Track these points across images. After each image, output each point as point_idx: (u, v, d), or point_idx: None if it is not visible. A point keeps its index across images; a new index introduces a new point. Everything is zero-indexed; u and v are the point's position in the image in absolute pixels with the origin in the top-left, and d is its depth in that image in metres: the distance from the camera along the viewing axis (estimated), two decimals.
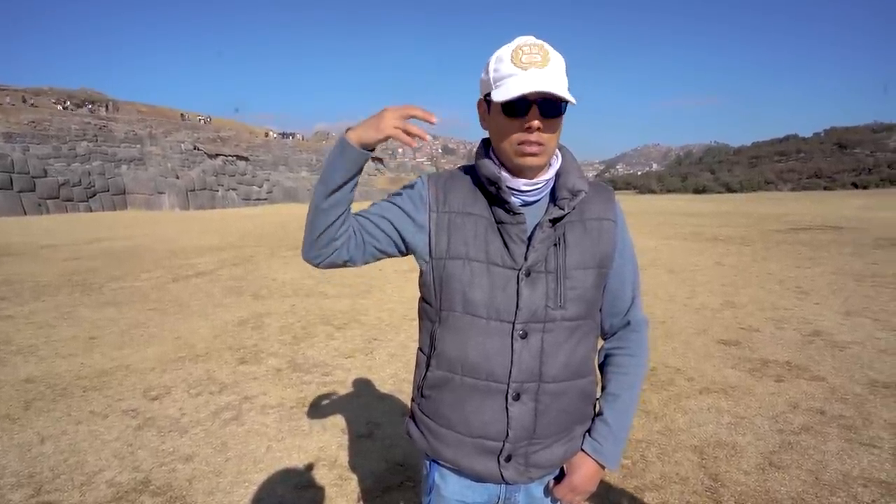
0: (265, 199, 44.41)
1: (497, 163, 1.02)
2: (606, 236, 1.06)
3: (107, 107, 41.96)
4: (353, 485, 2.55)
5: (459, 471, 1.09)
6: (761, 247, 10.93)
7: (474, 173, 1.07)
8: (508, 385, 1.01)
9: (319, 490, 2.51)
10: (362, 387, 3.75)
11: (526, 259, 1.00)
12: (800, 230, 14.16)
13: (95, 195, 33.35)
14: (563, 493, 1.10)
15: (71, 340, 5.00)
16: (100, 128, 36.25)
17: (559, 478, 1.12)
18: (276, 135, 56.26)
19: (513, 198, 1.01)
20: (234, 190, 41.94)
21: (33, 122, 32.65)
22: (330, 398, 3.57)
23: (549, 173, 1.03)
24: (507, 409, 1.02)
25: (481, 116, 1.05)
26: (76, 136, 34.09)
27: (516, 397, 1.02)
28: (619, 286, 1.10)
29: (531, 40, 0.94)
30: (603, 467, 1.10)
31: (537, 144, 0.95)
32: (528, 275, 1.00)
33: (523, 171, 1.00)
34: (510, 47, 0.94)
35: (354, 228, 1.03)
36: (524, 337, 1.01)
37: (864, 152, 66.46)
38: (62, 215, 29.20)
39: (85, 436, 3.05)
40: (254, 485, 2.54)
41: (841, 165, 62.61)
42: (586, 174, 1.09)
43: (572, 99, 0.92)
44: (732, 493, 2.39)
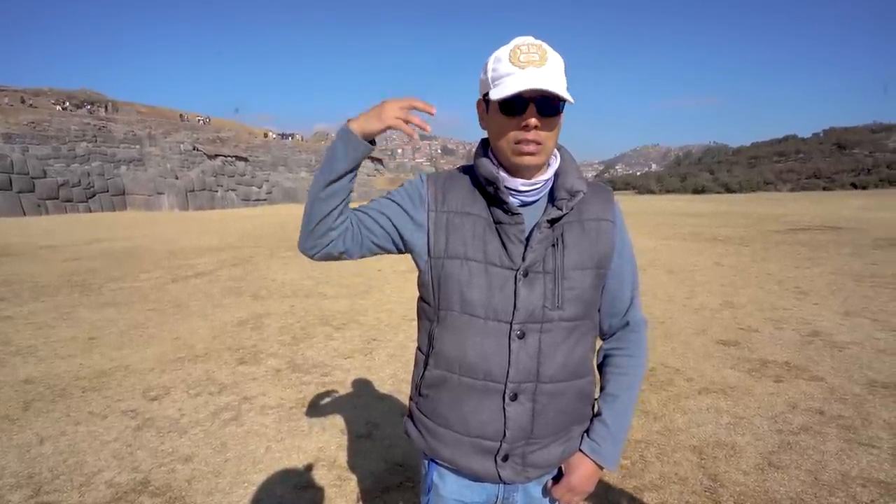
0: (264, 199, 44.40)
1: (495, 163, 1.02)
2: (605, 237, 1.06)
3: (106, 107, 41.90)
4: (352, 485, 2.55)
5: (457, 470, 1.09)
6: (760, 247, 10.93)
7: (473, 173, 1.07)
8: (506, 385, 1.02)
9: (319, 490, 2.51)
10: (361, 387, 3.75)
11: (524, 259, 1.00)
12: (799, 230, 14.16)
13: (95, 196, 33.33)
14: (561, 493, 1.10)
15: (70, 341, 5.00)
16: (99, 128, 36.21)
17: (557, 478, 1.12)
18: (275, 135, 56.18)
19: (511, 198, 1.01)
20: (233, 190, 41.92)
21: (33, 122, 32.62)
22: (329, 398, 3.57)
23: (548, 174, 1.03)
24: (504, 409, 1.02)
25: (480, 116, 1.05)
26: (75, 136, 34.05)
27: (514, 397, 1.02)
28: (618, 287, 1.10)
29: (530, 40, 0.94)
30: (601, 468, 1.10)
31: (535, 143, 0.95)
32: (525, 275, 1.00)
33: (521, 171, 1.00)
34: (509, 47, 0.95)
35: (352, 221, 1.03)
36: (521, 337, 1.01)
37: (863, 153, 66.51)
38: (61, 216, 29.19)
39: (84, 436, 3.05)
40: (253, 485, 2.54)
41: (840, 166, 62.65)
42: (585, 174, 1.10)
43: (569, 97, 0.92)
44: (731, 493, 2.39)
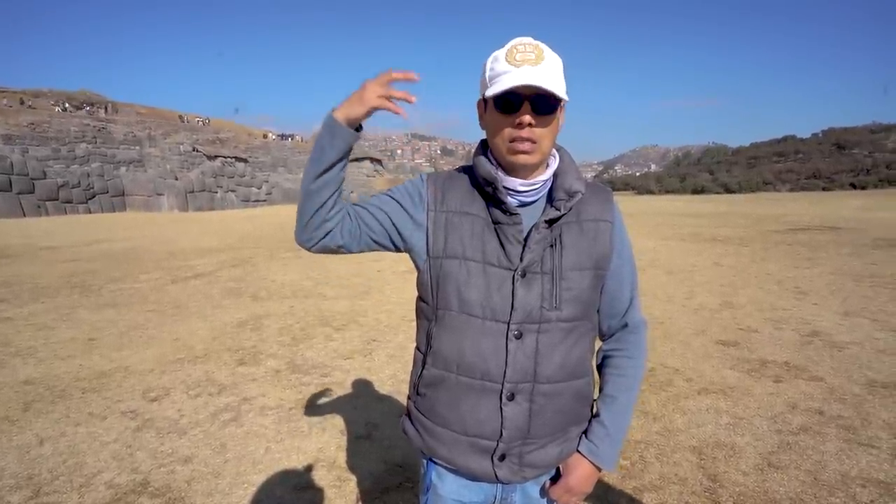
0: (264, 200, 44.37)
1: (494, 163, 1.03)
2: (603, 237, 1.06)
3: (106, 108, 41.89)
4: (351, 486, 2.55)
5: (456, 470, 1.09)
6: (760, 247, 10.93)
7: (472, 173, 1.07)
8: (503, 385, 1.02)
9: (318, 491, 2.51)
10: (361, 388, 3.75)
11: (521, 260, 1.00)
12: (798, 231, 14.17)
13: (94, 197, 33.30)
14: (559, 493, 1.10)
15: (70, 342, 5.00)
16: (99, 129, 36.19)
17: (555, 478, 1.12)
18: (274, 136, 56.15)
19: (509, 198, 1.01)
20: (232, 191, 41.88)
21: (32, 123, 32.60)
22: (329, 399, 3.57)
23: (547, 174, 1.03)
24: (501, 408, 1.02)
25: (480, 116, 1.05)
26: (75, 137, 34.03)
27: (511, 397, 1.02)
28: (617, 287, 1.10)
29: (527, 40, 0.95)
30: (599, 469, 1.10)
31: (529, 142, 0.95)
32: (523, 275, 1.00)
33: (516, 169, 1.00)
34: (506, 47, 0.95)
35: (351, 215, 1.03)
36: (519, 337, 1.01)
37: (863, 153, 66.52)
38: (61, 217, 29.16)
39: (84, 437, 3.05)
40: (253, 486, 2.54)
41: (839, 166, 62.65)
42: (585, 175, 1.10)
43: (564, 95, 0.93)
44: (731, 493, 2.40)
